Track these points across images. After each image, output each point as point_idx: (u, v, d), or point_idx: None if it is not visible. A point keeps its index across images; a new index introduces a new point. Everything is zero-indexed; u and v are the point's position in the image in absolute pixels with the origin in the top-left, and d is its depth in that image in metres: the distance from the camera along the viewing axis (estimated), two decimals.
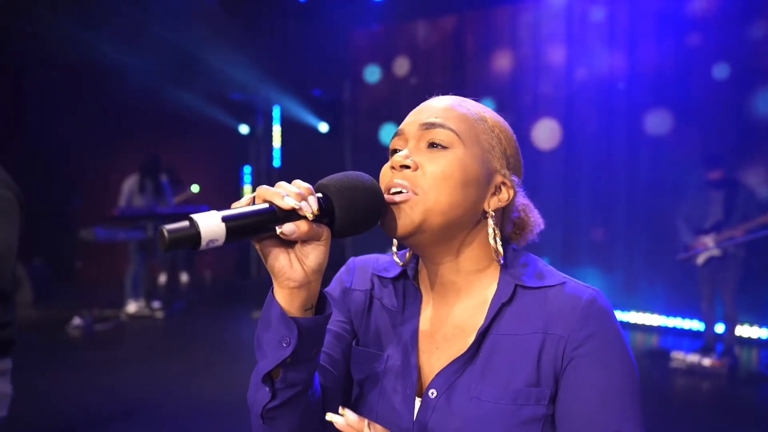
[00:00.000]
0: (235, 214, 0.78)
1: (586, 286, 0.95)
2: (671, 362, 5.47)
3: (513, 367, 0.91)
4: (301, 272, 0.83)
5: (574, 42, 7.60)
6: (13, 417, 3.99)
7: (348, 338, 1.05)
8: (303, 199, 0.80)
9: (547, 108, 7.79)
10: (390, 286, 1.05)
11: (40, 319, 7.27)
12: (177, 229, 0.74)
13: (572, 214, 7.67)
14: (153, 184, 7.55)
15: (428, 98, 1.04)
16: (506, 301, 0.94)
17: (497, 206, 0.96)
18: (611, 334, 0.91)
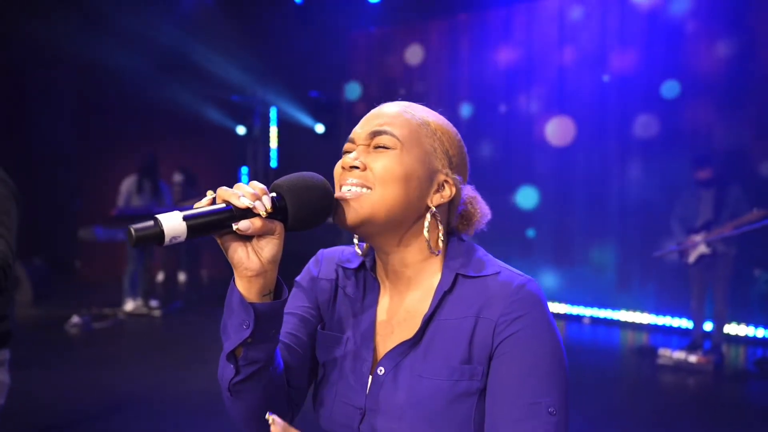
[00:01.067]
0: (195, 214, 0.88)
1: (519, 274, 1.06)
2: (658, 359, 5.56)
3: (450, 348, 1.01)
4: (257, 263, 0.93)
5: (567, 42, 7.69)
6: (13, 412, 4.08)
7: (313, 322, 1.16)
8: (257, 199, 0.91)
9: (545, 107, 7.88)
10: (352, 276, 1.16)
11: (40, 317, 7.36)
12: (143, 228, 0.84)
13: (565, 214, 7.76)
14: (151, 185, 7.64)
15: (379, 104, 1.13)
16: (448, 290, 1.05)
17: (440, 202, 1.06)
18: (538, 317, 1.00)
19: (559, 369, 1.00)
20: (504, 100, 8.17)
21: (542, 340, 1.00)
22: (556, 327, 1.03)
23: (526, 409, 0.96)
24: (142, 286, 7.64)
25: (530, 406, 0.97)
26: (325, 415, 1.10)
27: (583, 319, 7.49)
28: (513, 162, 8.08)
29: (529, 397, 0.97)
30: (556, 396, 0.98)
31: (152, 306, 7.63)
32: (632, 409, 4.58)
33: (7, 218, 1.96)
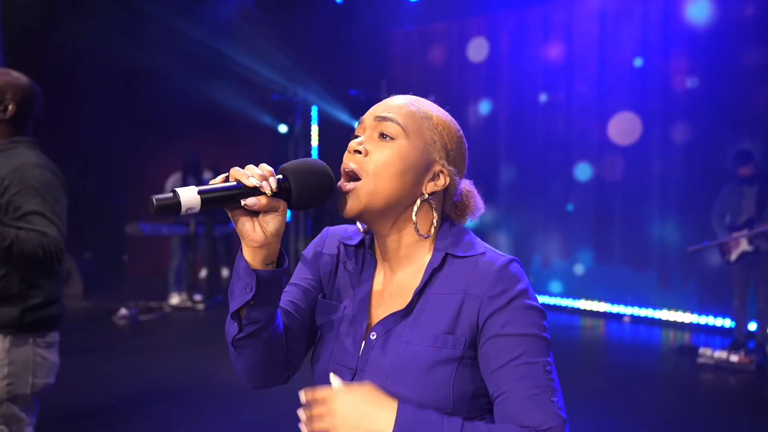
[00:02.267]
0: (208, 189, 0.99)
1: (503, 255, 1.15)
2: (699, 358, 5.48)
3: (436, 319, 1.12)
4: (261, 235, 1.04)
5: (606, 40, 7.62)
6: (65, 398, 4.29)
7: (314, 293, 1.28)
8: (264, 179, 1.02)
9: (581, 105, 7.83)
10: (352, 252, 1.27)
11: (90, 309, 7.64)
12: (163, 198, 0.95)
13: (605, 213, 7.69)
14: (196, 182, 7.87)
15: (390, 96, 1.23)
16: (437, 267, 1.15)
17: (434, 190, 1.15)
18: (520, 292, 1.10)
19: (543, 333, 1.09)
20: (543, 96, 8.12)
21: (527, 311, 1.09)
22: (536, 298, 1.12)
23: (524, 368, 1.06)
24: (186, 281, 7.87)
25: (528, 365, 1.06)
26: (320, 372, 1.21)
27: (624, 318, 7.41)
28: (550, 161, 8.04)
29: (525, 359, 1.06)
30: (547, 355, 1.08)
31: (196, 300, 7.84)
32: (671, 409, 4.53)
33: (58, 206, 2.09)
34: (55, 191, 2.10)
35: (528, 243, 8.31)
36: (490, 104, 8.64)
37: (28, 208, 2.01)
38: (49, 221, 2.01)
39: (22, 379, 2.11)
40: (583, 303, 7.79)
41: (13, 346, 2.09)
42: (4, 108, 2.19)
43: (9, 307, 2.08)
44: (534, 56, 8.18)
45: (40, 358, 2.16)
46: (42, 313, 2.15)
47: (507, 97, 8.45)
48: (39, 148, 2.23)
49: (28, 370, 2.12)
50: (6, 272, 2.08)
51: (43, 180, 2.08)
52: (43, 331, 2.17)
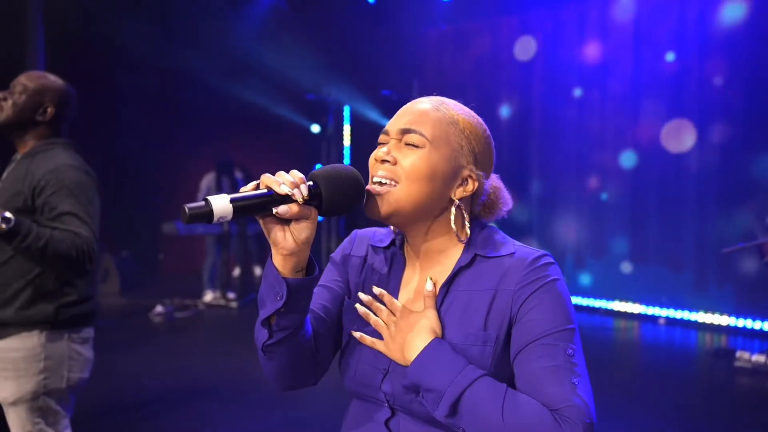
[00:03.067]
0: (240, 197, 0.99)
1: (535, 250, 1.15)
2: (735, 362, 5.36)
3: (466, 315, 1.12)
4: (292, 243, 1.05)
5: (641, 38, 7.50)
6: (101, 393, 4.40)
7: (342, 295, 1.29)
8: (296, 187, 1.02)
9: (616, 103, 7.72)
10: (381, 254, 1.27)
11: (126, 306, 7.81)
12: (195, 207, 0.96)
13: (640, 212, 7.57)
14: (229, 182, 7.98)
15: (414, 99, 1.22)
16: (464, 265, 1.15)
17: (463, 195, 1.16)
18: (551, 280, 1.10)
19: (573, 324, 1.09)
20: (576, 92, 8.03)
21: (556, 299, 1.09)
22: (569, 294, 1.12)
23: (545, 348, 1.05)
24: (219, 279, 8.00)
25: (549, 346, 1.05)
26: (349, 376, 1.21)
27: (659, 319, 7.28)
28: (583, 160, 7.94)
29: (547, 340, 1.06)
30: (573, 343, 1.07)
31: (229, 298, 7.96)
32: (706, 413, 4.44)
33: (92, 207, 2.15)
34: (88, 192, 2.16)
35: (560, 242, 8.22)
36: (523, 103, 8.57)
37: (63, 209, 2.08)
38: (82, 222, 2.07)
39: (58, 373, 2.18)
40: (617, 304, 7.67)
41: (48, 342, 2.16)
42: (43, 111, 2.26)
43: (44, 304, 2.15)
44: (568, 54, 8.08)
45: (75, 353, 2.22)
46: (76, 310, 2.21)
47: (540, 96, 8.37)
48: (74, 149, 2.30)
49: (63, 365, 2.19)
50: (41, 271, 2.15)
51: (78, 181, 2.15)
52: (78, 327, 2.23)
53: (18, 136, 2.29)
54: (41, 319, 2.14)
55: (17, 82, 2.26)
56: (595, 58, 7.90)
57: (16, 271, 2.14)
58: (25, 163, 2.22)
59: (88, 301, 2.26)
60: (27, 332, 2.14)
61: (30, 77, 2.28)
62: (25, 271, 2.14)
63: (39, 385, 2.15)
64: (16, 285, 2.14)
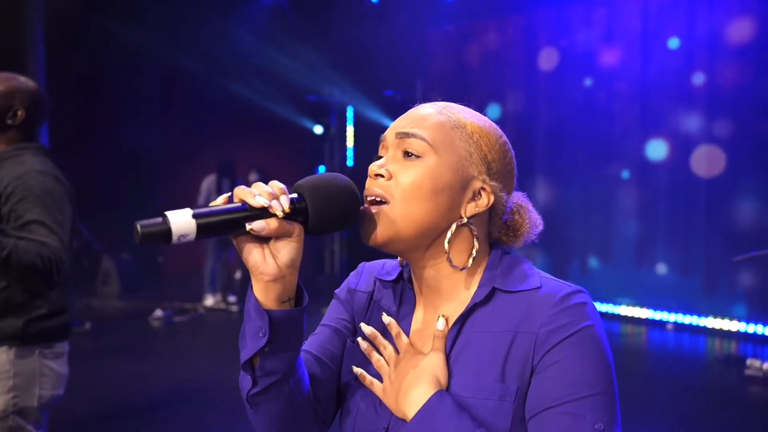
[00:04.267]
0: (206, 212, 0.83)
1: (567, 285, 0.95)
2: (746, 370, 5.21)
3: (480, 363, 0.93)
4: (274, 267, 0.88)
5: (648, 41, 7.35)
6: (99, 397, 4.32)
7: (348, 335, 1.11)
8: (274, 198, 0.86)
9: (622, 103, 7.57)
10: (390, 288, 1.09)
11: (126, 309, 7.73)
12: (150, 224, 0.80)
13: (647, 215, 7.43)
14: (230, 183, 7.88)
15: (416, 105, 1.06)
16: (480, 302, 0.96)
17: (474, 212, 0.97)
18: (586, 328, 0.90)
19: (609, 388, 0.88)
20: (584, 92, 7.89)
21: (589, 353, 0.89)
22: (608, 343, 0.92)
23: (566, 419, 0.86)
24: (221, 282, 7.90)
25: (572, 417, 0.86)
26: (349, 428, 1.04)
27: (667, 325, 7.13)
28: (590, 163, 7.80)
29: (570, 407, 0.86)
30: (604, 415, 0.87)
31: (230, 301, 7.87)
32: (716, 422, 4.31)
33: (61, 215, 2.03)
34: (58, 199, 2.05)
35: (566, 244, 8.08)
36: (529, 103, 8.43)
37: (30, 217, 1.96)
38: (50, 231, 1.96)
39: (29, 391, 2.07)
40: (624, 309, 7.53)
41: (17, 358, 2.05)
42: (13, 114, 2.15)
43: (13, 318, 2.04)
44: (575, 53, 7.94)
45: (47, 369, 2.11)
46: (48, 324, 2.10)
47: (546, 96, 8.23)
48: (45, 154, 2.18)
49: (34, 382, 2.07)
50: (8, 283, 2.04)
51: (47, 188, 2.03)
52: (50, 341, 2.12)
53: None
54: (9, 333, 2.03)
55: None
56: (604, 57, 7.75)
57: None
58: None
59: (62, 314, 2.15)
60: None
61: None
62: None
63: (8, 403, 2.04)
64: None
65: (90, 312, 7.11)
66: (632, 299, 7.48)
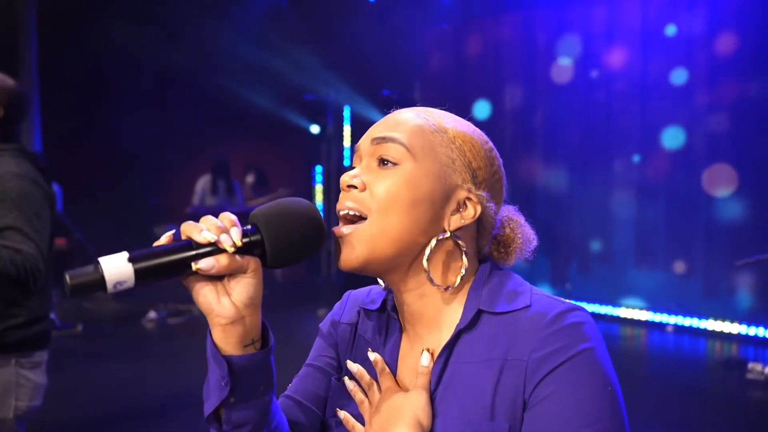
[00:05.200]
0: (145, 254, 0.75)
1: (560, 302, 0.86)
2: (748, 374, 5.13)
3: (467, 399, 0.84)
4: (230, 308, 0.79)
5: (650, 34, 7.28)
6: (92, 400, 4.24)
7: (335, 374, 1.02)
8: (223, 232, 0.78)
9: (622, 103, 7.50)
10: (374, 319, 1.00)
11: (119, 311, 7.64)
12: (80, 274, 0.72)
13: (647, 217, 7.35)
14: (225, 185, 7.81)
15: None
16: (464, 328, 0.87)
17: (460, 224, 0.88)
18: (584, 350, 0.80)
19: (614, 419, 0.79)
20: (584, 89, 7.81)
21: (590, 382, 0.79)
22: (611, 367, 0.82)
23: None
24: None
25: None
26: None
27: (666, 327, 7.05)
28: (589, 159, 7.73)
29: None
30: None
31: None
32: (716, 428, 4.24)
33: (38, 221, 1.95)
34: (35, 204, 1.96)
35: (564, 244, 8.00)
36: (528, 102, 8.36)
37: (5, 223, 1.89)
38: (25, 237, 1.88)
39: (4, 402, 1.99)
40: (622, 311, 7.45)
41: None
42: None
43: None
44: (573, 50, 7.86)
45: (24, 379, 2.03)
46: (26, 332, 2.03)
47: (545, 95, 8.16)
48: (25, 156, 2.10)
49: (9, 393, 2.00)
50: None
51: (23, 192, 1.95)
52: (28, 350, 2.05)
53: None
54: None
55: None
56: (603, 53, 7.68)
57: None
58: None
59: (40, 322, 2.07)
60: None
61: None
62: None
63: None
64: None
65: (82, 314, 7.02)
66: (632, 301, 7.40)
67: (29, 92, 8.26)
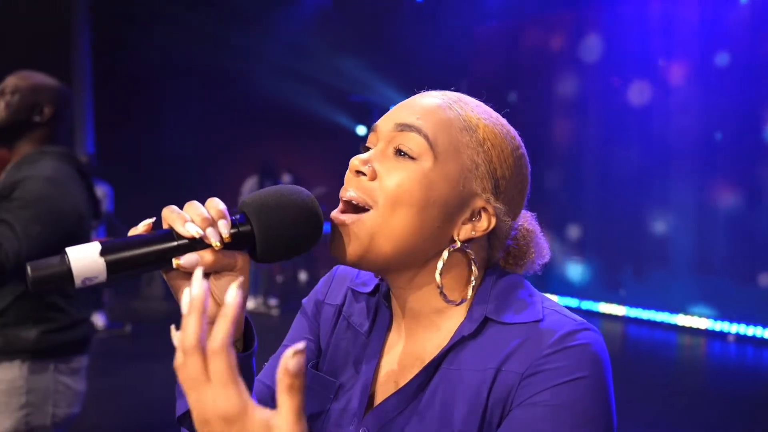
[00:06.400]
0: (120, 244, 0.66)
1: (573, 319, 0.78)
2: None
3: (457, 409, 0.76)
4: (212, 307, 0.71)
5: (707, 28, 6.98)
6: (140, 401, 4.25)
7: (313, 360, 0.93)
8: (210, 225, 0.69)
9: (681, 104, 7.22)
10: (363, 302, 0.91)
11: (170, 312, 7.71)
12: (44, 265, 0.63)
13: (707, 219, 7.05)
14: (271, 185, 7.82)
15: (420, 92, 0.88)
16: (468, 335, 0.79)
17: (470, 236, 0.80)
18: (587, 376, 0.72)
19: None
20: (637, 87, 7.55)
21: (579, 411, 0.71)
22: (613, 399, 0.74)
23: None
24: (262, 285, 7.84)
25: None
26: None
27: (728, 336, 6.74)
28: (643, 161, 7.45)
29: None
30: None
31: (270, 305, 7.78)
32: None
33: (39, 228, 1.81)
34: (47, 212, 1.87)
35: (619, 249, 7.73)
36: (580, 102, 8.13)
37: (3, 216, 1.84)
38: (13, 235, 1.80)
39: (42, 409, 1.94)
40: (681, 318, 7.15)
41: (31, 373, 1.92)
42: (39, 111, 2.03)
43: (25, 330, 1.91)
44: (626, 47, 7.61)
45: (62, 386, 1.98)
46: (63, 337, 1.97)
47: (598, 93, 7.93)
48: (67, 160, 2.04)
49: (48, 400, 1.95)
50: (22, 292, 1.92)
51: (41, 196, 1.88)
52: (66, 356, 1.99)
53: (12, 141, 2.06)
54: (21, 347, 1.91)
55: (7, 83, 2.04)
56: (661, 53, 7.40)
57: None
58: (12, 171, 2.00)
59: (78, 327, 2.02)
60: (8, 362, 1.91)
61: (21, 77, 2.06)
62: (3, 294, 1.92)
63: (20, 422, 1.91)
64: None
65: (132, 314, 7.10)
66: (690, 308, 7.10)
67: (82, 96, 8.45)
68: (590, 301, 7.65)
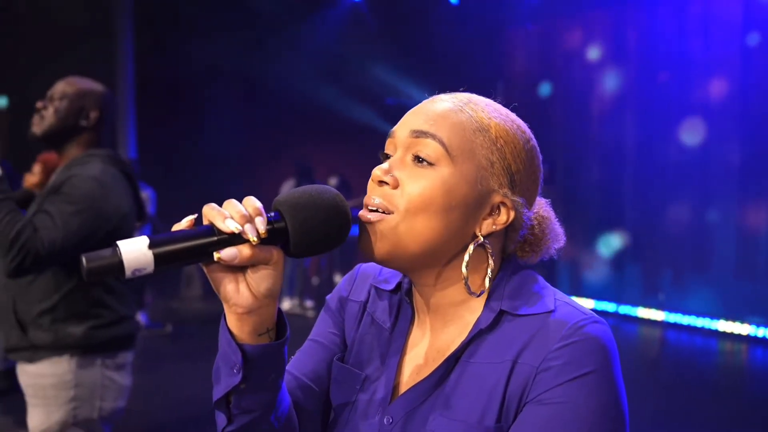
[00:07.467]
0: (166, 238, 0.72)
1: (583, 312, 0.82)
2: None
3: (476, 400, 0.81)
4: (249, 298, 0.77)
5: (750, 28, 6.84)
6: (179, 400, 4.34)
7: (337, 353, 0.99)
8: (248, 221, 0.74)
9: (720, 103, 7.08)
10: (386, 299, 0.97)
11: (209, 312, 7.85)
12: (98, 257, 0.69)
13: (747, 221, 6.90)
14: None
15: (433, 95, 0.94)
16: (485, 328, 0.84)
17: (491, 230, 0.85)
18: (597, 369, 0.77)
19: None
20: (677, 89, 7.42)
21: (598, 402, 0.76)
22: (623, 389, 0.79)
23: None
24: (298, 287, 7.93)
25: None
26: None
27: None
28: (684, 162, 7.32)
29: None
30: None
31: (306, 306, 7.86)
32: None
33: (79, 220, 1.90)
34: (92, 209, 1.93)
35: (659, 254, 7.61)
36: (616, 104, 8.03)
37: (46, 207, 1.91)
38: (53, 224, 1.86)
39: (89, 402, 2.02)
40: (722, 324, 6.99)
41: (79, 368, 2.00)
42: (86, 115, 2.12)
43: (73, 326, 2.00)
44: (666, 49, 7.49)
45: (109, 381, 2.06)
46: (110, 332, 2.05)
47: (635, 96, 7.82)
48: (113, 163, 2.12)
49: (95, 394, 2.03)
50: (70, 288, 2.00)
51: (86, 194, 1.95)
52: (113, 351, 2.07)
53: (61, 145, 2.15)
54: (70, 342, 1.99)
55: (55, 90, 2.13)
56: (697, 55, 7.27)
57: (43, 290, 2.00)
58: (63, 172, 2.09)
59: (124, 323, 2.10)
60: (57, 357, 1.99)
61: (68, 83, 2.15)
62: (52, 290, 2.00)
63: (68, 414, 2.00)
64: (44, 305, 2.00)
65: (171, 314, 7.24)
66: (731, 314, 6.94)
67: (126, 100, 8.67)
68: (628, 305, 7.55)
